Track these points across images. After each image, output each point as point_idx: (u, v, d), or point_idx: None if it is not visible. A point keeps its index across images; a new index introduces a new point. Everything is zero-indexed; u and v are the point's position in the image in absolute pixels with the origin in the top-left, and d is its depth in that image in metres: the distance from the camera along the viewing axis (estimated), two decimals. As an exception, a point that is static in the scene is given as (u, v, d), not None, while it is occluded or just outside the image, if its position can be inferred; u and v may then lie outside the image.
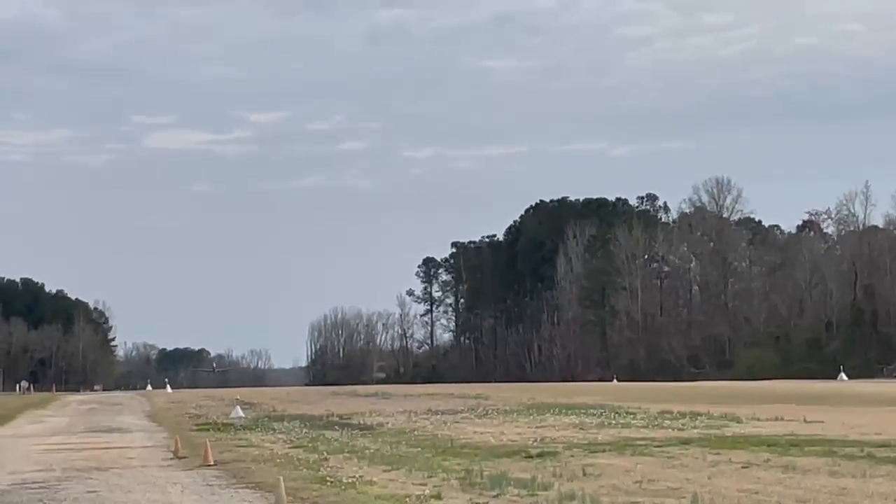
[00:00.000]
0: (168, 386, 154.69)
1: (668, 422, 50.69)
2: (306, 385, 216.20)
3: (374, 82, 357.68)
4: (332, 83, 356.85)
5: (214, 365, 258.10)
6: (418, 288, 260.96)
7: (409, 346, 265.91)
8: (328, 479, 30.48)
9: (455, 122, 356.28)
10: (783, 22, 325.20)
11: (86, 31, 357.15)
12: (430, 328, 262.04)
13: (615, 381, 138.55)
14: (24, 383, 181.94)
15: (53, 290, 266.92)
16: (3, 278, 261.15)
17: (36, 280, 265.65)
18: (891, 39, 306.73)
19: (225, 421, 61.69)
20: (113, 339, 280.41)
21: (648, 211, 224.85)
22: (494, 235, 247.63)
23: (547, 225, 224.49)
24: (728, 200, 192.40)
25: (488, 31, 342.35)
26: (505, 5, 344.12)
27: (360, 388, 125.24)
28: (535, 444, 40.49)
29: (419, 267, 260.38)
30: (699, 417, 52.57)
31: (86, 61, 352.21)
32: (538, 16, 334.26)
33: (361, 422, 56.85)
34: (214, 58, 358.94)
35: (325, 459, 36.40)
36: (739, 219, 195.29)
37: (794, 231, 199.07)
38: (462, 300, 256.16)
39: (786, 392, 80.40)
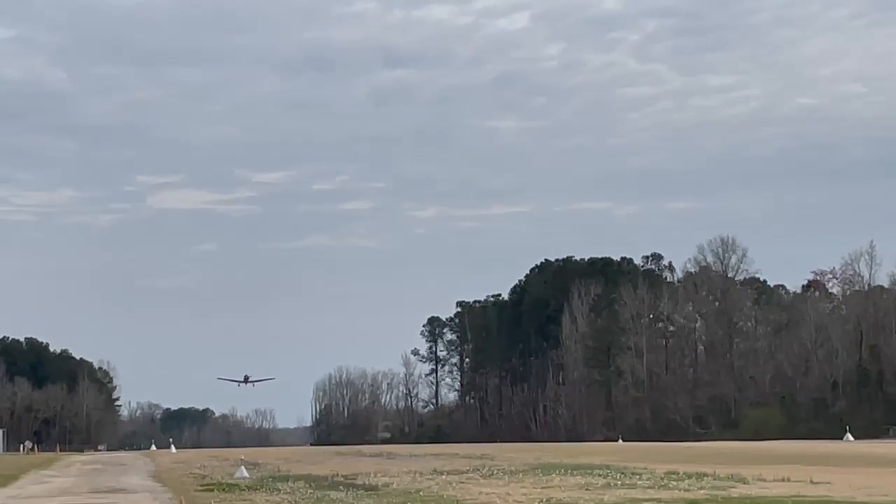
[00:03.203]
0: (172, 446, 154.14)
1: (674, 482, 50.49)
2: (311, 444, 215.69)
3: (377, 142, 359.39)
4: (336, 143, 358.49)
5: (247, 374, 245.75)
6: (423, 347, 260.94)
7: (413, 405, 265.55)
8: (333, 540, 30.35)
9: (459, 181, 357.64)
10: (785, 83, 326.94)
11: (91, 91, 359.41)
12: (435, 387, 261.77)
13: (621, 440, 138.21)
14: (28, 443, 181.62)
15: (58, 350, 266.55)
16: (8, 338, 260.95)
17: (40, 339, 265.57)
18: (892, 100, 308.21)
19: (230, 481, 61.46)
20: (117, 399, 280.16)
21: (653, 270, 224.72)
22: (499, 295, 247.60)
23: (552, 284, 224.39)
24: (733, 260, 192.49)
25: (491, 91, 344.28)
26: (507, 66, 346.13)
27: (364, 448, 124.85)
28: (540, 505, 40.34)
29: (424, 326, 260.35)
30: (705, 478, 52.37)
31: (91, 122, 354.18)
32: (541, 76, 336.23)
33: (366, 482, 56.63)
34: (218, 118, 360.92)
35: (331, 520, 36.25)
36: (745, 279, 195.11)
37: (799, 291, 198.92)
38: (467, 359, 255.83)
39: (792, 453, 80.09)
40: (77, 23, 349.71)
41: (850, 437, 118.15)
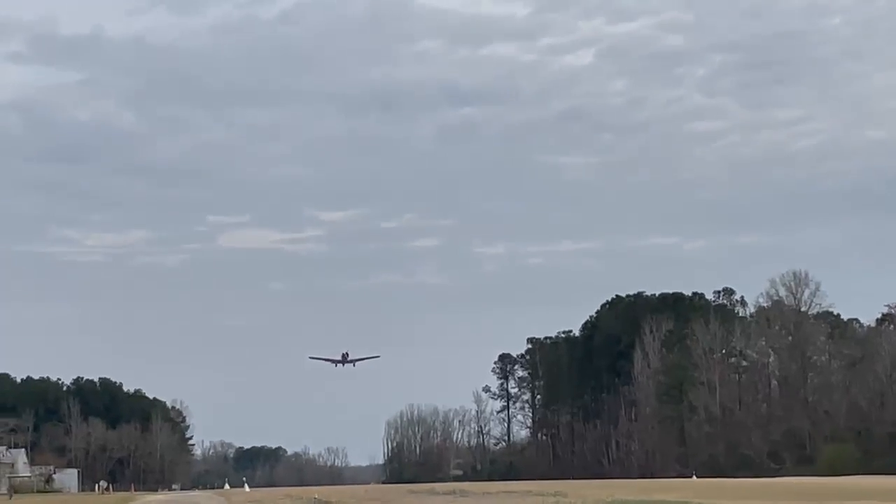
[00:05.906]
0: (246, 484, 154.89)
1: (750, 519, 50.05)
2: (383, 482, 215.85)
3: (444, 180, 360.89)
4: (403, 181, 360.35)
5: (346, 352, 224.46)
6: (494, 384, 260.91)
7: (485, 442, 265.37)
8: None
9: (527, 217, 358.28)
10: (854, 116, 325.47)
11: (160, 133, 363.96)
12: (506, 424, 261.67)
13: (694, 476, 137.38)
14: (102, 483, 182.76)
15: (131, 390, 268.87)
16: (82, 378, 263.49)
17: (114, 380, 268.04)
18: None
19: (304, 520, 61.55)
20: (190, 438, 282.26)
21: (725, 305, 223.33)
22: (570, 331, 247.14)
23: (623, 320, 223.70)
24: (806, 294, 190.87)
25: (557, 127, 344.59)
26: (573, 102, 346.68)
27: (437, 486, 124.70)
28: (616, 542, 40.13)
29: (495, 363, 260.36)
30: (782, 514, 51.88)
31: (160, 163, 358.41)
32: (606, 113, 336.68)
33: (440, 520, 56.52)
34: (286, 158, 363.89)
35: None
36: (818, 312, 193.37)
37: (873, 324, 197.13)
38: (539, 396, 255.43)
39: (869, 488, 79.25)
40: (146, 65, 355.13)
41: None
